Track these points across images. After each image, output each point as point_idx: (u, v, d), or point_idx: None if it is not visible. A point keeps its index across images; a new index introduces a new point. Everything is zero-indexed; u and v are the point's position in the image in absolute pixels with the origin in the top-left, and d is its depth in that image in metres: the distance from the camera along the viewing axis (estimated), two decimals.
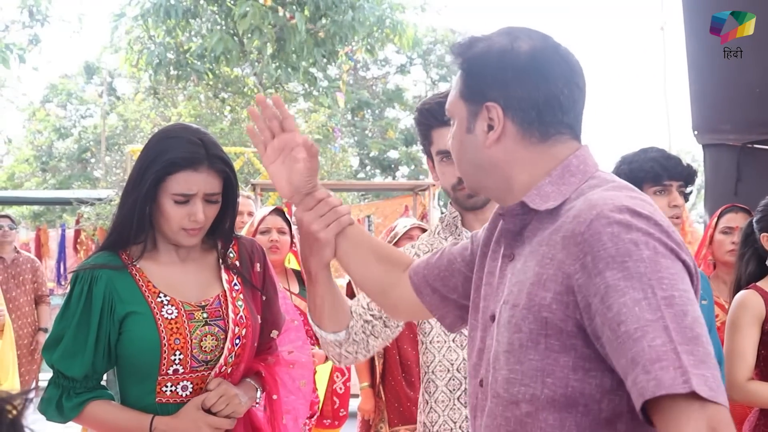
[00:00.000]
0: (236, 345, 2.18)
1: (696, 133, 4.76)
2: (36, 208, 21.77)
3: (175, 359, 2.12)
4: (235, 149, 12.70)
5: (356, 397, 4.80)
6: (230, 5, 14.39)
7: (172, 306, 2.15)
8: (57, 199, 15.33)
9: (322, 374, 4.26)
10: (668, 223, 1.35)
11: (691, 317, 1.24)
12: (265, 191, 10.12)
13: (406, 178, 24.69)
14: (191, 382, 2.15)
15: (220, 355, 2.17)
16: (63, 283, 11.88)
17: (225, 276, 2.24)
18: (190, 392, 2.15)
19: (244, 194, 5.12)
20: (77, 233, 11.88)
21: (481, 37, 1.53)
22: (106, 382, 2.23)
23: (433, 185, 9.42)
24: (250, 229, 4.05)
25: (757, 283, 3.09)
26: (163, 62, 15.08)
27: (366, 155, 25.74)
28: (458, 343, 2.30)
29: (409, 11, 17.28)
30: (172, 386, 2.14)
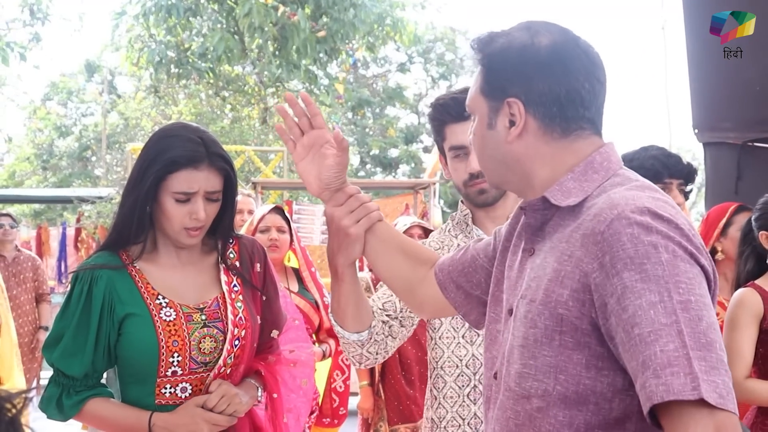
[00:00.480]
0: (235, 346, 2.19)
1: (696, 131, 4.76)
2: (37, 206, 21.75)
3: (174, 361, 2.12)
4: (236, 147, 12.70)
5: (356, 395, 4.81)
6: (231, 4, 14.38)
7: (170, 308, 2.15)
8: (58, 197, 15.34)
9: (321, 372, 4.25)
10: (690, 227, 1.35)
11: (706, 323, 1.24)
12: (266, 189, 10.13)
13: (406, 177, 24.69)
14: (190, 384, 2.16)
15: (219, 356, 2.17)
16: (64, 281, 11.88)
17: (224, 277, 2.24)
18: (190, 394, 2.16)
19: (244, 192, 5.12)
20: (78, 231, 11.89)
21: (500, 32, 1.53)
22: (106, 380, 2.23)
23: (434, 183, 9.43)
24: (249, 227, 4.05)
25: (756, 282, 3.09)
26: (163, 60, 15.08)
27: (366, 153, 25.73)
28: (468, 339, 2.29)
29: (408, 9, 17.27)
30: (171, 388, 2.14)
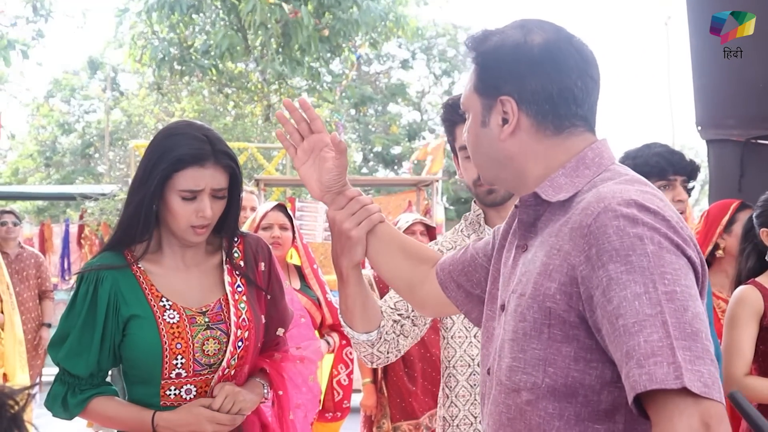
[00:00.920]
0: (238, 348, 2.19)
1: (699, 128, 4.74)
2: (40, 203, 21.77)
3: (177, 363, 2.13)
4: (239, 144, 12.69)
5: (358, 392, 4.81)
6: (234, 1, 14.38)
7: (173, 311, 2.16)
8: (61, 194, 15.34)
9: (323, 368, 4.26)
10: (678, 219, 1.36)
11: (692, 313, 1.25)
12: (269, 186, 10.13)
13: (409, 174, 24.67)
14: (195, 386, 2.17)
15: (223, 358, 2.17)
16: (67, 278, 11.90)
17: (228, 278, 2.24)
18: (194, 395, 2.17)
19: (247, 189, 5.12)
20: (81, 228, 11.90)
21: (494, 30, 1.54)
22: (111, 378, 2.24)
23: (436, 180, 9.43)
24: (252, 224, 4.05)
25: (757, 279, 3.09)
26: (166, 57, 15.09)
27: (369, 150, 25.73)
28: (480, 338, 2.30)
29: (411, 5, 17.27)
30: (175, 389, 2.15)
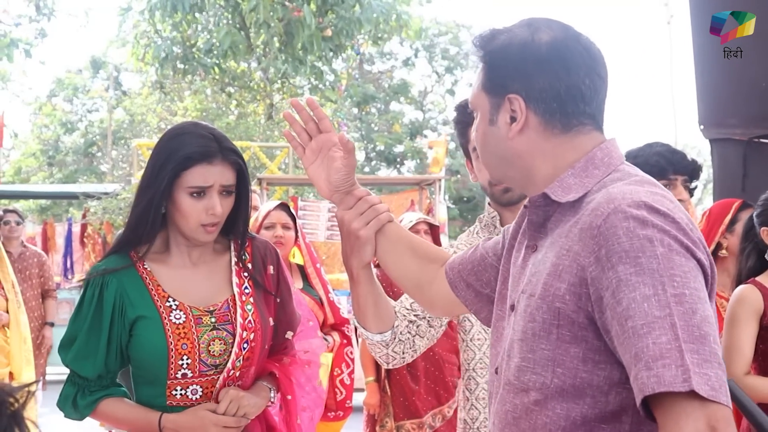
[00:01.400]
0: (244, 349, 2.20)
1: (702, 127, 4.74)
2: (43, 202, 21.78)
3: (183, 364, 2.15)
4: (241, 143, 12.70)
5: (360, 391, 4.81)
6: (237, 0, 14.39)
7: (180, 311, 2.17)
8: (63, 193, 15.37)
9: (324, 367, 4.26)
10: (687, 221, 1.35)
11: (700, 316, 1.25)
12: (271, 185, 10.14)
13: (411, 173, 24.69)
14: (200, 386, 2.18)
15: (229, 359, 2.18)
16: (69, 277, 11.91)
17: (236, 279, 2.25)
18: (200, 396, 2.18)
19: None
20: (84, 227, 11.92)
21: (502, 29, 1.54)
22: (119, 377, 2.27)
23: (439, 179, 9.43)
24: (254, 223, 4.05)
25: (757, 278, 3.09)
26: (169, 56, 15.09)
27: (372, 149, 25.73)
28: None
29: (414, 4, 17.27)
30: (181, 389, 2.17)
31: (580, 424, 1.36)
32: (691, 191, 3.02)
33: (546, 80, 1.46)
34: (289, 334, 2.38)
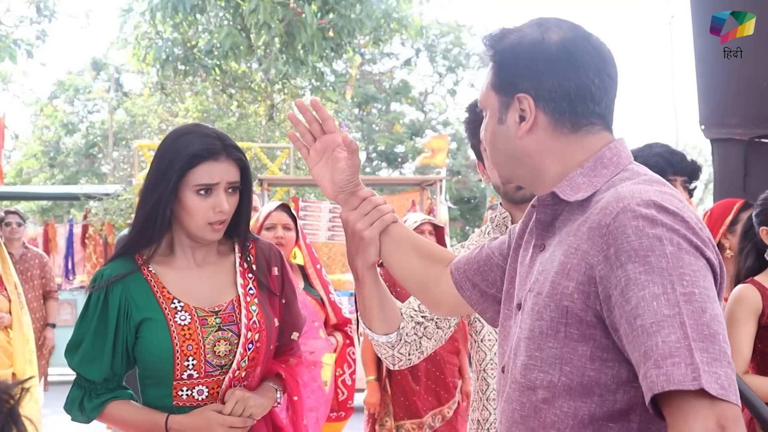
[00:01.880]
0: (249, 350, 2.21)
1: (703, 127, 4.74)
2: (44, 203, 21.81)
3: (189, 365, 2.16)
4: (242, 144, 12.69)
5: (361, 391, 4.82)
6: (238, 0, 14.39)
7: (185, 312, 2.18)
8: (65, 194, 15.37)
9: (328, 367, 4.26)
10: (697, 220, 1.36)
11: (710, 315, 1.25)
12: (272, 186, 10.14)
13: (412, 173, 24.69)
14: (206, 387, 2.19)
15: (234, 359, 2.19)
16: (70, 278, 11.92)
17: (240, 280, 2.26)
18: (206, 396, 2.19)
19: None
20: (85, 228, 11.92)
21: (512, 28, 1.54)
22: (127, 379, 2.29)
23: (440, 180, 9.43)
24: (255, 224, 4.04)
25: (755, 278, 3.09)
26: (170, 58, 15.09)
27: (373, 149, 25.74)
28: None
29: (414, 4, 17.27)
30: (187, 390, 2.18)
31: (588, 422, 1.37)
32: (690, 192, 3.03)
33: (555, 80, 1.46)
34: (294, 335, 2.39)
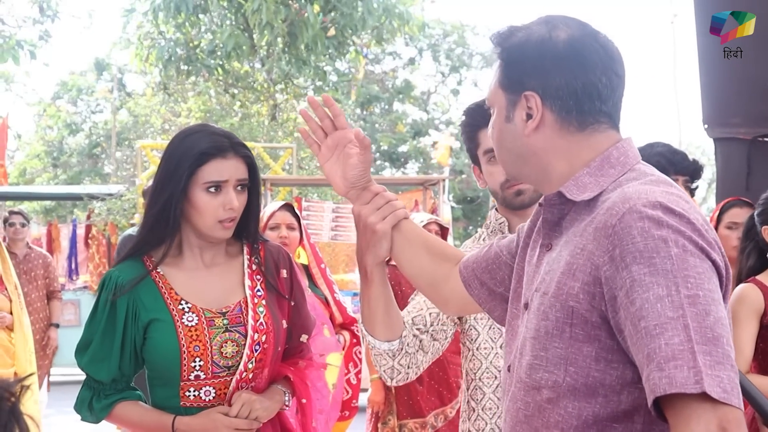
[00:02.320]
0: (256, 351, 2.21)
1: (706, 126, 4.74)
2: (47, 203, 21.82)
3: (196, 366, 2.17)
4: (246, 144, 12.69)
5: (364, 391, 4.82)
6: (240, 0, 14.39)
7: (192, 313, 2.19)
8: (68, 194, 15.36)
9: (333, 368, 4.26)
10: (703, 221, 1.35)
11: (714, 317, 1.24)
12: (275, 186, 10.14)
13: (415, 172, 24.69)
14: (214, 387, 2.20)
15: (241, 360, 2.20)
16: (74, 278, 11.93)
17: (248, 282, 2.26)
18: (213, 397, 2.20)
19: None
20: (88, 228, 11.92)
21: (519, 26, 1.54)
22: (136, 380, 2.30)
23: (443, 179, 9.42)
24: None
25: (757, 277, 3.09)
26: (173, 58, 15.10)
27: (376, 149, 25.75)
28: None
29: (417, 4, 17.29)
30: (195, 391, 2.19)
31: (592, 423, 1.36)
32: (692, 191, 3.03)
33: (563, 78, 1.46)
34: (303, 338, 2.40)
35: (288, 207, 4.10)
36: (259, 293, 2.26)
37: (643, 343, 1.25)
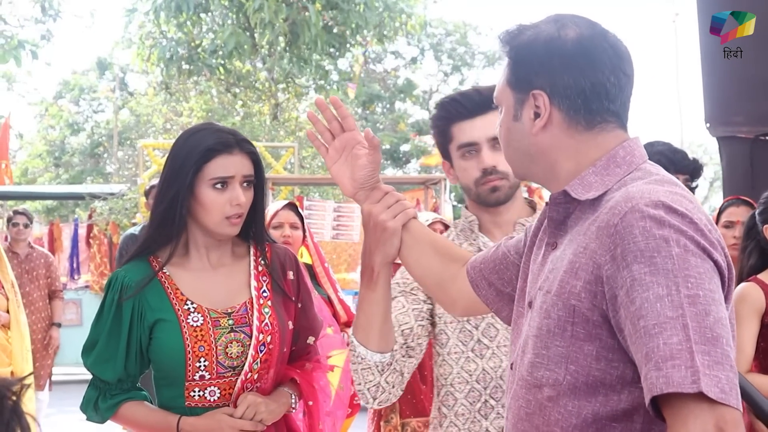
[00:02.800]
0: (261, 351, 2.21)
1: (708, 125, 4.74)
2: (49, 203, 21.85)
3: (200, 366, 2.17)
4: None
5: None
6: (242, 0, 14.40)
7: (198, 314, 2.19)
8: (70, 194, 15.36)
9: (338, 369, 4.27)
10: (706, 221, 1.35)
11: (714, 317, 1.24)
12: (277, 185, 10.14)
13: (417, 172, 24.68)
14: (218, 388, 2.20)
15: (246, 361, 2.20)
16: (76, 277, 11.94)
17: (254, 283, 2.27)
18: (218, 397, 2.20)
19: None
20: (90, 228, 11.93)
21: (528, 25, 1.53)
22: (142, 380, 2.30)
23: (444, 179, 9.42)
24: None
25: (758, 276, 3.09)
26: (174, 57, 15.12)
27: None
28: (477, 352, 2.17)
29: (418, 4, 17.29)
30: (199, 391, 2.19)
31: (592, 421, 1.37)
32: (692, 190, 3.03)
33: (571, 77, 1.46)
34: (310, 339, 2.40)
35: (291, 206, 4.10)
36: (264, 294, 2.26)
37: (642, 342, 1.25)
